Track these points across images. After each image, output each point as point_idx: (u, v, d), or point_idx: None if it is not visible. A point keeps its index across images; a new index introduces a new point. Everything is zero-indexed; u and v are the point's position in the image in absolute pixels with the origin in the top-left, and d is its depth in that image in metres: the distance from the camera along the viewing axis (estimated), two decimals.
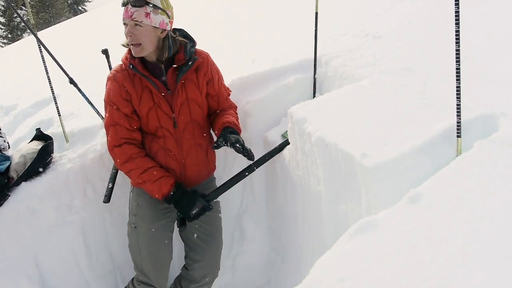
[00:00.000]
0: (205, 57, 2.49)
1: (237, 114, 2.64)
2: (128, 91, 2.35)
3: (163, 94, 2.36)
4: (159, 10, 2.25)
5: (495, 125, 1.76)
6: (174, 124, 2.40)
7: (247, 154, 2.33)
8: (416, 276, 1.28)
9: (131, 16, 2.22)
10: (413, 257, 1.35)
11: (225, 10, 5.32)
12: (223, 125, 2.43)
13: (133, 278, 2.68)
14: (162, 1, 2.28)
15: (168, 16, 2.30)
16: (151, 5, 2.22)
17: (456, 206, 1.47)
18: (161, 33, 2.30)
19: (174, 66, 2.36)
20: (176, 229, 2.61)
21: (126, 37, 2.30)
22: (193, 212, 2.35)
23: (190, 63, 2.38)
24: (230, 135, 2.36)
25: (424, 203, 1.54)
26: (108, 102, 2.38)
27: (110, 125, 2.38)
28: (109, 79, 2.41)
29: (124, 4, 2.26)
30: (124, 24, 2.28)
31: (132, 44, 2.28)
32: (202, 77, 2.45)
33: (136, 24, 2.23)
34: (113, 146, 2.37)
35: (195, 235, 2.59)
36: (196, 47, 2.45)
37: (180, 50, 2.38)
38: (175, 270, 2.88)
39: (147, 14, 2.22)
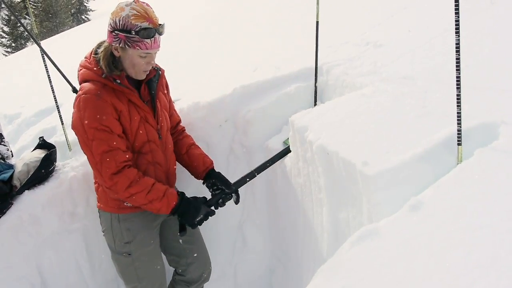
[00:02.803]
0: (160, 68, 2.45)
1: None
2: (117, 109, 2.14)
3: (145, 106, 2.27)
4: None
5: (496, 133, 1.77)
6: (159, 136, 2.35)
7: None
8: (418, 284, 1.28)
9: (159, 45, 2.13)
10: (415, 265, 1.35)
11: (227, 20, 5.34)
12: (208, 167, 2.53)
13: None
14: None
15: None
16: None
17: (457, 214, 1.47)
18: None
19: (148, 79, 2.29)
20: None
21: (140, 66, 2.15)
22: (197, 220, 2.34)
23: (158, 73, 2.35)
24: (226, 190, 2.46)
25: (425, 211, 1.54)
26: (97, 126, 2.08)
27: (104, 152, 2.11)
28: (89, 100, 2.09)
29: (150, 36, 2.06)
30: (147, 54, 2.12)
31: (145, 71, 2.20)
32: (164, 86, 2.46)
33: (156, 52, 2.17)
34: (112, 174, 2.13)
35: (180, 241, 2.57)
36: None
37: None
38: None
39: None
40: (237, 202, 2.53)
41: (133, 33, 2.04)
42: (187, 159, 2.55)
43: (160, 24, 2.11)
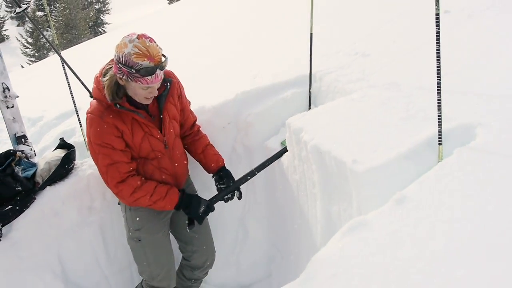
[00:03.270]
0: (173, 75, 2.38)
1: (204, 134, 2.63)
2: (119, 128, 2.15)
3: (150, 122, 2.25)
4: None
5: (473, 134, 1.76)
6: (165, 146, 2.34)
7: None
8: (403, 271, 1.28)
9: (160, 78, 2.07)
10: (400, 254, 1.35)
11: (229, 33, 5.34)
12: (220, 166, 2.57)
13: (141, 283, 2.66)
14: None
15: None
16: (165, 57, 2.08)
17: (438, 207, 1.47)
18: None
19: (156, 97, 2.22)
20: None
21: (142, 95, 2.11)
22: (201, 211, 2.36)
23: (167, 88, 2.28)
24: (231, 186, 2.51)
25: (409, 205, 1.54)
26: (100, 144, 2.13)
27: (108, 165, 2.16)
28: (94, 120, 2.12)
29: (151, 73, 1.99)
30: (148, 87, 2.06)
31: (148, 98, 2.14)
32: (175, 95, 2.38)
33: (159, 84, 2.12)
34: (117, 183, 2.18)
35: (188, 230, 2.58)
36: None
37: None
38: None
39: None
40: (239, 197, 2.55)
41: (133, 71, 1.97)
42: (202, 158, 2.58)
43: (162, 61, 2.03)
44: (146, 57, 1.97)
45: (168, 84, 2.29)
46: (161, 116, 2.30)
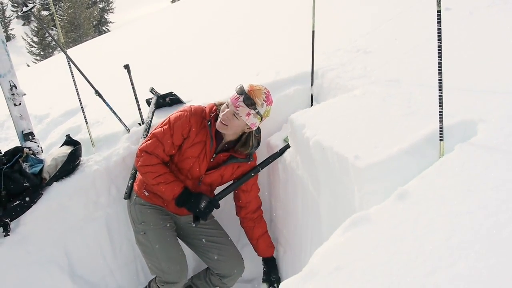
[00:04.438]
0: (255, 158, 2.60)
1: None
2: (191, 133, 2.37)
3: (209, 155, 2.42)
4: (259, 116, 2.31)
5: (474, 130, 1.76)
6: (199, 182, 2.49)
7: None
8: (404, 265, 1.28)
9: (237, 108, 2.28)
10: (401, 248, 1.35)
11: (232, 32, 5.33)
12: (268, 256, 2.77)
13: (155, 279, 2.64)
14: (266, 110, 2.33)
15: (261, 121, 2.37)
16: (256, 110, 2.29)
17: (439, 202, 1.47)
18: (247, 128, 2.37)
19: (233, 154, 2.47)
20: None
21: (220, 114, 2.33)
22: (202, 206, 2.38)
23: (243, 160, 2.49)
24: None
25: (410, 200, 1.54)
26: (171, 124, 2.38)
27: (156, 136, 2.38)
28: (185, 111, 2.41)
29: (239, 94, 2.29)
30: (228, 107, 2.31)
31: (221, 122, 2.33)
32: (241, 171, 2.56)
33: (234, 115, 2.29)
34: (145, 151, 2.37)
35: (203, 240, 2.61)
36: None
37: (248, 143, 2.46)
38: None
39: (248, 114, 2.29)
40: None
41: (235, 92, 2.33)
42: (255, 244, 2.73)
43: (259, 104, 2.29)
44: (250, 87, 2.33)
45: (249, 160, 2.52)
46: (218, 167, 2.48)
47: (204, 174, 2.46)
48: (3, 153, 2.66)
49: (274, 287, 2.71)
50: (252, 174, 2.56)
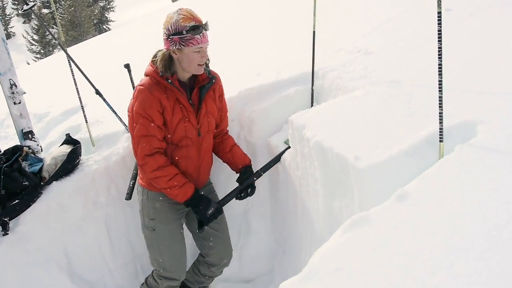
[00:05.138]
0: (217, 75, 2.50)
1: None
2: (162, 104, 2.26)
3: (190, 106, 2.35)
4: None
5: (474, 131, 1.76)
6: (198, 133, 2.41)
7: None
8: (404, 266, 1.28)
9: (207, 39, 2.23)
10: (401, 249, 1.35)
11: (233, 31, 5.34)
12: (246, 164, 2.61)
13: (152, 274, 2.67)
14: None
15: None
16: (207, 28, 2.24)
17: (439, 203, 1.47)
18: None
19: (200, 85, 2.38)
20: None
21: (196, 61, 2.23)
22: (209, 213, 2.38)
23: (211, 82, 2.41)
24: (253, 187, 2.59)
25: (410, 201, 1.54)
26: (142, 114, 2.24)
27: (142, 135, 2.25)
28: (142, 91, 2.26)
29: (199, 32, 2.17)
30: (199, 49, 2.21)
31: (200, 64, 2.27)
32: (216, 93, 2.49)
33: (207, 46, 2.25)
34: (145, 155, 2.26)
35: (206, 227, 2.59)
36: None
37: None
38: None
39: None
40: (251, 194, 2.60)
41: (185, 33, 2.15)
42: (230, 157, 2.61)
43: (205, 22, 2.22)
44: (192, 19, 2.18)
45: (213, 79, 2.43)
46: (200, 106, 2.39)
47: (198, 124, 2.40)
48: (2, 151, 2.67)
49: (248, 193, 2.60)
50: (254, 179, 2.56)
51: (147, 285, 2.69)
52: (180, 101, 2.30)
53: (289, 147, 2.63)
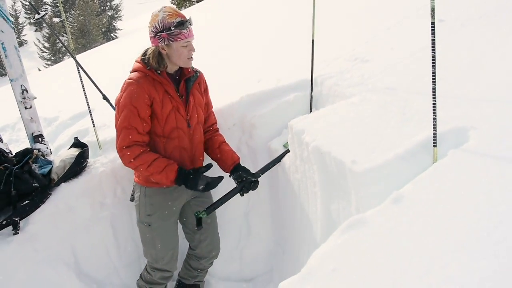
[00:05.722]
0: (200, 71, 2.55)
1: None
2: (151, 96, 2.25)
3: (179, 98, 2.36)
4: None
5: (466, 137, 1.76)
6: (188, 125, 2.40)
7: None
8: (399, 266, 1.28)
9: (193, 34, 2.27)
10: (396, 250, 1.35)
11: (232, 39, 5.35)
12: (236, 162, 2.54)
13: (145, 267, 2.68)
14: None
15: None
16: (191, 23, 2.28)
17: (433, 206, 1.47)
18: None
19: (186, 78, 2.41)
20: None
21: (184, 55, 2.28)
22: (200, 188, 2.33)
23: (196, 75, 2.46)
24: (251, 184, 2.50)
25: (405, 203, 1.54)
26: (128, 105, 2.21)
27: (123, 127, 2.22)
28: (130, 84, 2.25)
29: (185, 26, 2.21)
30: (187, 43, 2.26)
31: (190, 58, 2.32)
32: (202, 86, 2.53)
33: (192, 40, 2.29)
34: (123, 146, 2.23)
35: (196, 229, 2.59)
36: None
37: None
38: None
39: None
40: (254, 188, 2.54)
41: (172, 29, 2.19)
42: (218, 153, 2.58)
43: (189, 17, 2.26)
44: (177, 15, 2.22)
45: (197, 73, 2.47)
46: (188, 98, 2.40)
47: (187, 115, 2.39)
48: (14, 154, 2.67)
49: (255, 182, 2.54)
50: (253, 179, 2.55)
51: (142, 279, 2.69)
52: (168, 92, 2.31)
53: (287, 150, 2.62)
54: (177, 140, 2.38)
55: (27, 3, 36.13)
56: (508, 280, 1.13)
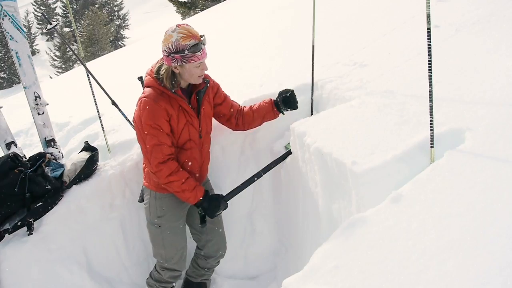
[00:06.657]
0: (210, 77, 2.51)
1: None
2: (169, 113, 2.24)
3: (192, 112, 2.35)
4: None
5: (462, 138, 1.76)
6: (200, 136, 2.42)
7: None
8: (398, 263, 1.28)
9: (206, 53, 2.22)
10: (395, 247, 1.34)
11: (235, 45, 5.36)
12: (272, 104, 2.58)
13: (154, 267, 2.67)
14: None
15: None
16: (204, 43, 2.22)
17: (430, 205, 1.47)
18: None
19: (198, 90, 2.38)
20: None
21: (197, 74, 2.24)
22: (217, 214, 2.39)
23: (206, 86, 2.42)
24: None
25: (404, 203, 1.54)
26: (151, 124, 2.20)
27: (154, 145, 2.21)
28: (148, 103, 2.21)
29: (199, 49, 2.14)
30: (200, 64, 2.21)
31: (200, 76, 2.28)
32: (211, 94, 2.49)
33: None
34: (158, 163, 2.22)
35: (200, 227, 2.59)
36: None
37: None
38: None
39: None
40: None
41: (186, 52, 2.12)
42: (257, 117, 2.60)
43: (202, 36, 2.18)
44: (191, 37, 2.13)
45: (207, 83, 2.42)
46: (199, 109, 2.39)
47: (200, 127, 2.40)
48: (27, 158, 2.68)
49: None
50: (255, 179, 2.56)
51: (151, 277, 2.69)
52: (183, 107, 2.30)
53: (289, 151, 2.62)
54: (189, 152, 2.41)
55: (40, 14, 36.35)
56: (503, 276, 1.13)
